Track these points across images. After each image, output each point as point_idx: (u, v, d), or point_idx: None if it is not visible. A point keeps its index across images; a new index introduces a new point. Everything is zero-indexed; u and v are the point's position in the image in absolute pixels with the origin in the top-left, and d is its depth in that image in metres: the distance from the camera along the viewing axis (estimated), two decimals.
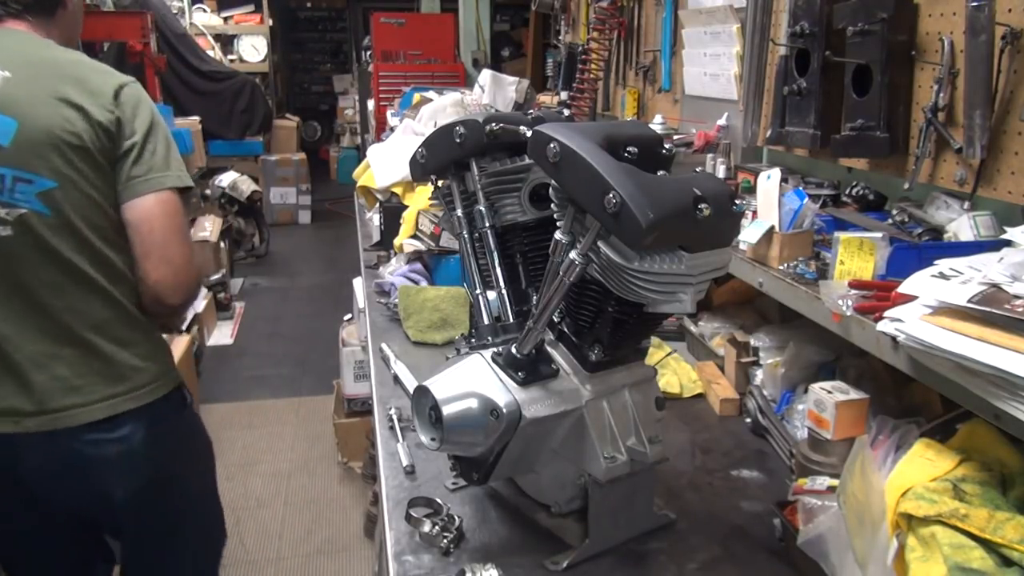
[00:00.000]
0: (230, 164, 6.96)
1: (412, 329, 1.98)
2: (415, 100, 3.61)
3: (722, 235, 1.05)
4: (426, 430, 1.10)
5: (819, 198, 1.59)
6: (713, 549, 1.21)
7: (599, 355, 1.13)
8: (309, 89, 12.37)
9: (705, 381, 1.76)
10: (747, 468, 1.46)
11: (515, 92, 4.01)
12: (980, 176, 1.24)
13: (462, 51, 6.16)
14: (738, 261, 1.48)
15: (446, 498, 1.30)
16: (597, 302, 1.11)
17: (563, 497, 1.20)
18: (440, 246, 2.18)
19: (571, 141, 0.98)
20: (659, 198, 0.94)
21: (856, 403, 1.26)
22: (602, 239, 0.99)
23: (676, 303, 1.02)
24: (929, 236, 1.33)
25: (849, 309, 1.14)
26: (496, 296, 1.24)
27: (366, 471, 3.25)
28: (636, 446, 1.14)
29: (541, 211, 1.24)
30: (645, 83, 2.78)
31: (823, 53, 1.53)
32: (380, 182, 2.75)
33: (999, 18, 1.16)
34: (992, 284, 0.91)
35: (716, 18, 2.13)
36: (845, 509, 1.01)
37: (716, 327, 1.90)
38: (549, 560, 1.16)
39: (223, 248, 5.59)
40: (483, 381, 1.09)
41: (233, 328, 5.17)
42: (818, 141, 1.57)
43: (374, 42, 6.09)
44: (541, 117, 1.23)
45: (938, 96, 1.27)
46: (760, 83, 1.87)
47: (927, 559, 0.86)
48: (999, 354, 0.82)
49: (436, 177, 1.35)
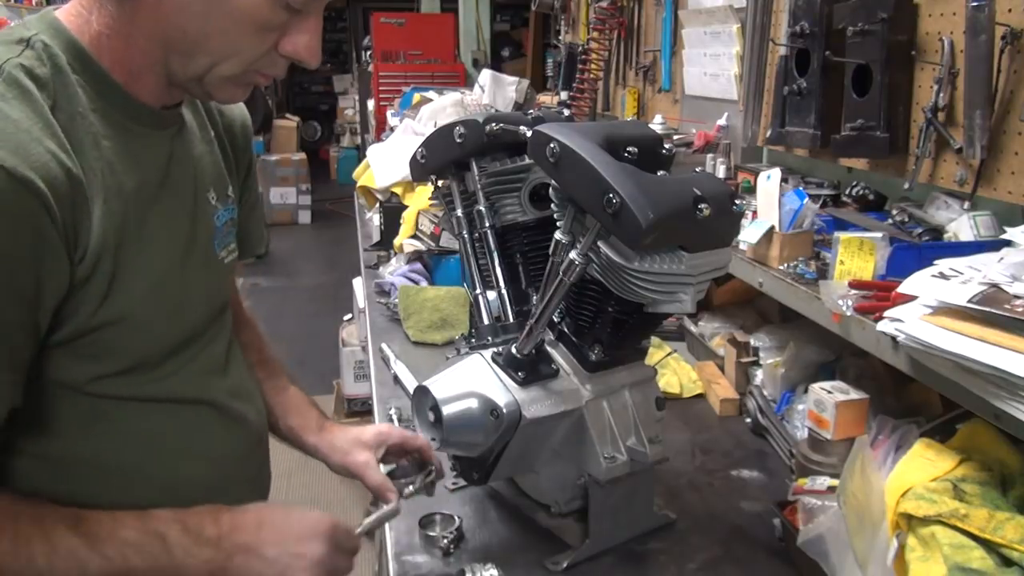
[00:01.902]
0: None
1: (412, 329, 1.98)
2: (415, 100, 3.61)
3: (722, 235, 1.05)
4: (426, 430, 1.10)
5: (819, 198, 1.59)
6: (713, 549, 1.21)
7: (599, 355, 1.13)
8: (309, 89, 12.37)
9: (705, 381, 1.76)
10: (747, 468, 1.46)
11: (515, 92, 4.01)
12: (980, 176, 1.23)
13: (462, 51, 6.16)
14: (738, 261, 1.48)
15: (446, 498, 1.30)
16: (597, 302, 1.11)
17: (563, 497, 1.20)
18: (440, 246, 2.18)
19: (571, 141, 0.98)
20: (659, 198, 0.94)
21: (856, 403, 1.26)
22: (602, 239, 0.99)
23: (676, 303, 1.02)
24: (929, 236, 1.33)
25: (849, 309, 1.14)
26: (496, 296, 1.24)
27: None
28: (636, 446, 1.14)
29: (541, 211, 1.24)
30: (645, 83, 2.78)
31: (823, 53, 1.53)
32: (380, 182, 2.75)
33: (999, 18, 1.16)
34: (992, 284, 0.91)
35: (716, 18, 2.13)
36: (845, 509, 1.01)
37: (716, 327, 1.90)
38: (549, 560, 1.16)
39: None
40: (483, 381, 1.09)
41: None
42: (818, 141, 1.57)
43: (374, 42, 6.09)
44: (541, 117, 1.22)
45: (938, 96, 1.27)
46: (760, 83, 1.87)
47: (927, 559, 0.86)
48: (999, 354, 0.82)
49: (436, 177, 1.35)
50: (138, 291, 0.84)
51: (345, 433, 1.15)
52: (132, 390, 0.88)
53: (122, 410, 0.88)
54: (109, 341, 0.84)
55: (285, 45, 0.83)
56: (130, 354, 0.86)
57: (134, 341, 0.86)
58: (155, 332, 0.88)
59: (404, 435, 1.15)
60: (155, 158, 0.89)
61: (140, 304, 0.85)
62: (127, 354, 0.86)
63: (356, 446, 1.12)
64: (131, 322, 0.84)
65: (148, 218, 0.86)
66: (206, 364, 0.97)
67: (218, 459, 0.98)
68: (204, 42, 0.80)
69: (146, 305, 0.86)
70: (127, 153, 0.84)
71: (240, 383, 1.05)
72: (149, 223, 0.86)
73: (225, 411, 0.99)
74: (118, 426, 0.88)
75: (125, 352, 0.86)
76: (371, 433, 1.15)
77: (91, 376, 0.84)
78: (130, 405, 0.88)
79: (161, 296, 0.88)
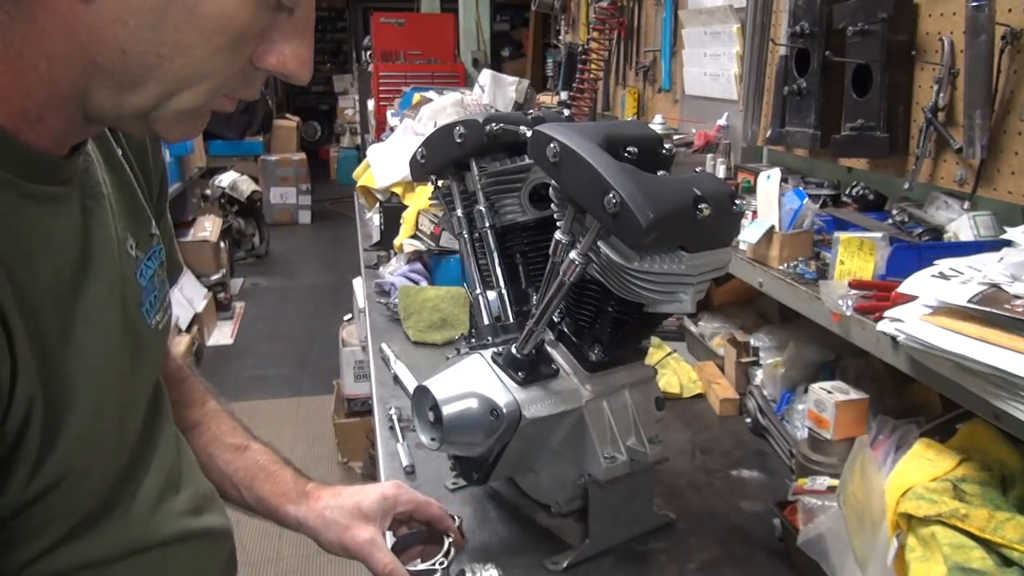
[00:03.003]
0: (230, 164, 6.97)
1: (412, 329, 1.98)
2: (415, 100, 3.61)
3: (722, 235, 1.05)
4: (426, 430, 1.10)
5: (819, 198, 1.59)
6: (713, 549, 1.21)
7: (599, 355, 1.13)
8: (309, 89, 12.36)
9: (705, 381, 1.76)
10: (747, 468, 1.46)
11: (515, 92, 4.00)
12: (980, 176, 1.23)
13: (462, 51, 6.16)
14: (738, 261, 1.48)
15: (446, 498, 1.30)
16: (597, 302, 1.11)
17: (563, 497, 1.20)
18: (440, 246, 2.18)
19: (571, 141, 0.98)
20: (659, 198, 0.94)
21: (856, 403, 1.26)
22: (602, 239, 0.99)
23: (676, 303, 1.02)
24: (929, 236, 1.33)
25: (849, 309, 1.14)
26: (496, 296, 1.24)
27: (366, 471, 3.25)
28: (636, 446, 1.14)
29: (541, 211, 1.24)
30: (645, 83, 2.78)
31: (823, 53, 1.53)
32: (380, 182, 2.75)
33: (999, 18, 1.16)
34: (992, 284, 0.91)
35: (716, 18, 2.13)
36: (845, 509, 1.01)
37: (716, 327, 1.90)
38: (549, 560, 1.16)
39: (223, 248, 5.59)
40: (483, 381, 1.09)
41: (233, 328, 5.17)
42: (818, 141, 1.57)
43: (374, 42, 6.08)
44: (541, 117, 1.22)
45: (938, 96, 1.27)
46: (760, 83, 1.87)
47: (927, 559, 0.86)
48: (999, 354, 0.82)
49: (436, 177, 1.35)
50: (76, 435, 0.61)
51: (339, 500, 0.92)
52: (78, 557, 0.66)
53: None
54: (46, 510, 0.62)
55: (267, 57, 0.60)
56: (71, 515, 0.65)
57: (75, 497, 0.64)
58: (98, 477, 0.67)
59: (414, 500, 0.96)
60: (68, 227, 0.63)
61: (79, 453, 0.62)
62: (68, 517, 0.65)
63: (355, 519, 0.90)
64: (72, 478, 0.63)
65: (73, 319, 0.61)
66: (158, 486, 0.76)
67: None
68: (155, 67, 0.56)
69: (85, 450, 0.63)
70: (32, 231, 0.58)
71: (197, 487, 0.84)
72: (74, 326, 0.61)
73: (189, 540, 0.79)
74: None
75: (65, 516, 0.64)
76: (373, 499, 0.93)
77: (27, 559, 0.63)
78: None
79: (101, 430, 0.65)
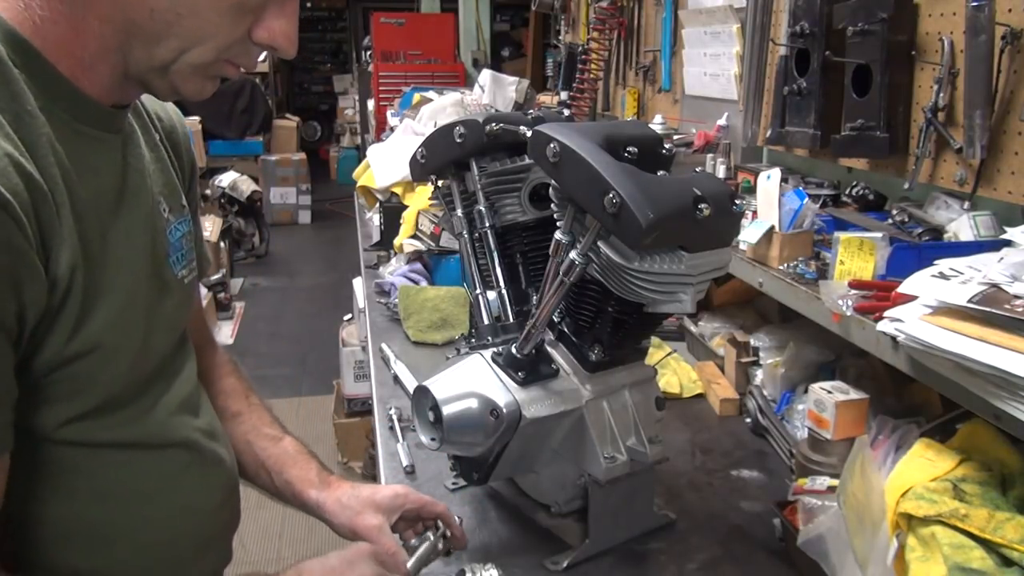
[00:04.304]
0: (230, 164, 6.97)
1: (412, 329, 1.98)
2: (415, 100, 3.61)
3: (722, 235, 1.05)
4: (426, 430, 1.10)
5: (819, 198, 1.59)
6: (713, 549, 1.21)
7: (599, 355, 1.13)
8: (309, 89, 12.38)
9: (705, 381, 1.76)
10: (747, 468, 1.46)
11: (515, 92, 4.00)
12: (980, 176, 1.23)
13: (462, 51, 6.16)
14: (738, 261, 1.48)
15: (446, 498, 1.30)
16: (597, 302, 1.11)
17: (563, 497, 1.20)
18: (440, 246, 2.18)
19: (571, 141, 0.98)
20: (659, 198, 0.94)
21: (856, 403, 1.26)
22: (602, 239, 0.99)
23: (676, 303, 1.02)
24: (929, 236, 1.33)
25: (849, 309, 1.14)
26: (496, 296, 1.24)
27: (366, 471, 3.25)
28: (636, 446, 1.14)
29: (541, 211, 1.24)
30: (645, 83, 2.78)
31: (823, 53, 1.53)
32: (380, 182, 2.75)
33: (999, 18, 1.16)
34: (992, 284, 0.91)
35: (716, 18, 2.13)
36: (845, 509, 1.01)
37: (716, 327, 1.90)
38: (549, 560, 1.16)
39: (223, 248, 5.59)
40: (483, 381, 1.09)
41: (233, 328, 5.17)
42: (818, 141, 1.57)
43: (374, 42, 6.09)
44: (541, 117, 1.22)
45: (938, 96, 1.27)
46: (760, 83, 1.87)
47: (927, 559, 0.86)
48: (999, 354, 0.82)
49: (436, 177, 1.35)
50: (108, 315, 0.74)
51: (355, 491, 1.03)
52: (105, 434, 0.79)
53: (95, 460, 0.78)
54: (80, 376, 0.74)
55: (260, 32, 0.76)
56: (101, 390, 0.77)
57: (105, 374, 0.76)
58: (125, 363, 0.78)
59: (422, 500, 1.05)
60: (110, 164, 0.79)
61: (110, 330, 0.75)
62: (98, 390, 0.76)
63: (368, 507, 1.01)
64: (103, 351, 0.75)
65: (109, 234, 0.76)
66: (177, 401, 0.88)
67: (199, 510, 0.90)
68: (174, 23, 0.71)
69: (116, 332, 0.76)
70: (80, 159, 0.74)
71: (212, 422, 0.96)
72: (110, 240, 0.76)
73: (203, 453, 0.90)
74: (92, 481, 0.79)
75: (96, 388, 0.76)
76: (386, 494, 1.03)
77: (61, 420, 0.75)
78: (103, 453, 0.79)
79: (129, 322, 0.78)
